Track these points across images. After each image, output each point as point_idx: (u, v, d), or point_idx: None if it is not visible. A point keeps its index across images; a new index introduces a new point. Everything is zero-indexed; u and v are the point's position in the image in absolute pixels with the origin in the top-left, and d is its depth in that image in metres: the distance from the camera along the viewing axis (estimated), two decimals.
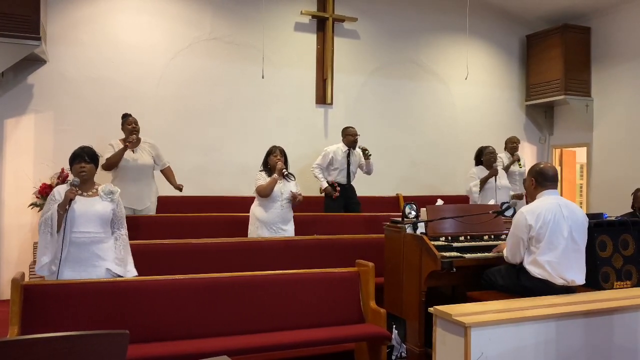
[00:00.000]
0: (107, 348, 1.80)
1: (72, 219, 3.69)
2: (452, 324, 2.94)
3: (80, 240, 3.71)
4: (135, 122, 5.76)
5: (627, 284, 4.00)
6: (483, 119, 9.07)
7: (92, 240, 3.74)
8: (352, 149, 6.84)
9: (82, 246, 3.72)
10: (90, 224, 3.73)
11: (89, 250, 3.74)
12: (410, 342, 4.35)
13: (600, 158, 8.72)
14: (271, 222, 5.35)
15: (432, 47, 8.75)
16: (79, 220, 3.70)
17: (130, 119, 5.76)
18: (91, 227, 3.74)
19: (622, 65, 8.39)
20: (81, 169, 3.78)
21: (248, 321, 3.84)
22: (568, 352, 3.11)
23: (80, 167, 3.78)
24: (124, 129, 5.74)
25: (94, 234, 3.75)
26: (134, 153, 5.66)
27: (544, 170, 3.80)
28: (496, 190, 6.47)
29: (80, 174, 3.78)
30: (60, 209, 3.65)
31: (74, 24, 6.74)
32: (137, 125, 5.76)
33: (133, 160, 5.65)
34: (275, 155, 5.40)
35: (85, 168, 3.79)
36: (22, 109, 6.51)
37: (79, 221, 3.70)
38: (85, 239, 3.72)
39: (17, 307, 3.39)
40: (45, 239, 3.68)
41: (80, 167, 3.78)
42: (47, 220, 3.67)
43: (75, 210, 3.69)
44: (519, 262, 3.78)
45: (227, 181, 7.38)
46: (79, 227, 3.70)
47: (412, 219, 4.50)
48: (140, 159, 5.71)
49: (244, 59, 7.50)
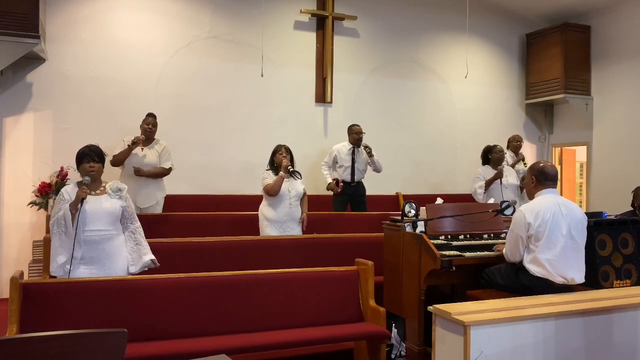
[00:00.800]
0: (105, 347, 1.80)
1: (83, 217, 3.70)
2: (452, 322, 2.93)
3: (91, 238, 3.73)
4: (152, 123, 5.86)
5: (627, 282, 4.00)
6: (483, 117, 9.06)
7: (103, 237, 3.77)
8: (357, 147, 6.85)
9: (94, 244, 3.74)
10: (100, 222, 3.75)
11: (101, 248, 3.76)
12: (410, 340, 4.35)
13: (600, 157, 8.72)
14: (280, 220, 5.36)
15: (432, 46, 8.74)
16: (90, 218, 3.72)
17: (149, 120, 5.87)
18: (101, 224, 3.76)
19: (622, 64, 8.39)
20: (90, 168, 3.79)
21: (247, 320, 3.83)
22: (567, 351, 3.10)
23: (89, 167, 3.79)
24: (141, 126, 5.86)
25: (105, 232, 3.77)
26: (143, 151, 5.75)
27: (545, 169, 3.80)
28: (502, 189, 6.45)
29: (90, 174, 3.78)
30: (72, 208, 3.67)
31: (73, 23, 6.73)
32: (154, 127, 5.88)
33: (141, 158, 5.74)
34: (281, 153, 5.41)
35: (94, 167, 3.81)
36: (22, 108, 6.50)
37: (89, 219, 3.72)
38: (97, 237, 3.74)
39: (15, 306, 3.39)
40: (60, 238, 3.68)
41: (89, 167, 3.79)
42: (59, 220, 3.67)
43: (85, 209, 3.71)
44: (519, 260, 3.79)
45: (227, 180, 7.38)
46: (90, 226, 3.72)
47: (412, 217, 4.49)
48: (148, 158, 5.78)
49: (243, 58, 7.49)
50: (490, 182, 6.48)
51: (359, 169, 6.88)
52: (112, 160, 5.59)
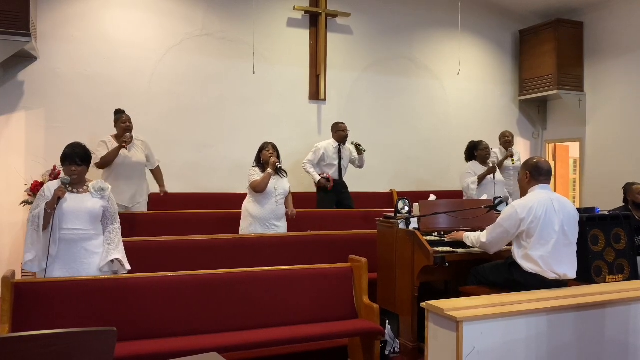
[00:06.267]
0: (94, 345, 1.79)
1: (62, 216, 3.66)
2: (444, 318, 2.94)
3: (69, 237, 3.69)
4: (129, 119, 5.69)
5: (619, 277, 4.02)
6: (476, 114, 9.07)
7: (81, 237, 3.72)
8: (342, 145, 6.87)
9: (72, 243, 3.70)
10: (79, 221, 3.70)
11: (79, 247, 3.71)
12: (404, 337, 4.35)
13: (593, 153, 8.74)
14: (265, 218, 5.34)
15: (425, 43, 8.74)
16: (69, 217, 3.67)
17: (124, 117, 5.70)
18: (80, 224, 3.71)
19: (615, 60, 8.41)
20: (72, 173, 3.73)
21: (240, 318, 3.82)
22: (560, 346, 3.11)
23: (71, 171, 3.72)
24: (118, 126, 5.68)
25: (83, 231, 3.72)
26: (127, 151, 5.60)
27: (538, 164, 3.80)
28: (494, 185, 6.46)
29: (72, 177, 3.73)
30: (48, 207, 3.62)
31: (64, 20, 6.69)
32: (131, 124, 5.70)
33: (127, 158, 5.60)
34: (268, 150, 5.40)
35: (76, 171, 3.73)
36: (13, 106, 6.46)
37: (68, 218, 3.67)
38: (74, 236, 3.70)
39: (7, 305, 3.37)
40: (32, 235, 3.65)
41: (71, 171, 3.72)
42: (34, 218, 3.64)
43: (65, 207, 3.67)
44: (492, 253, 3.89)
45: (220, 178, 7.36)
46: (68, 224, 3.68)
47: (405, 214, 4.50)
48: (134, 156, 5.67)
49: (236, 55, 7.46)
50: (483, 177, 6.49)
51: (344, 166, 6.92)
52: (99, 163, 5.41)
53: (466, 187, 6.57)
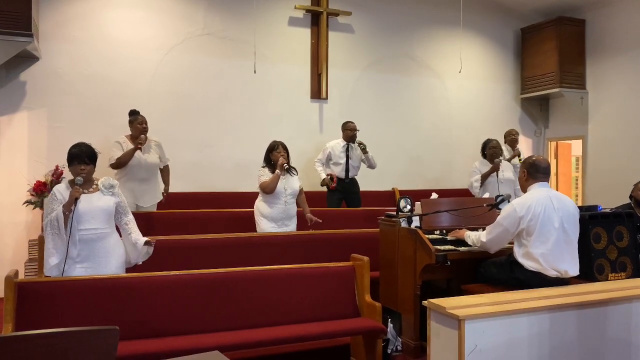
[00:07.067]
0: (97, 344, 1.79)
1: (78, 217, 3.67)
2: (446, 317, 2.94)
3: (87, 237, 3.71)
4: (145, 121, 5.68)
5: (622, 275, 4.01)
6: (478, 112, 9.06)
7: (98, 236, 3.74)
8: (351, 144, 6.88)
9: (90, 243, 3.72)
10: (95, 220, 3.72)
11: (97, 246, 3.74)
12: (406, 335, 4.36)
13: (596, 150, 8.73)
14: (275, 218, 5.35)
15: (426, 41, 8.73)
16: (85, 217, 3.69)
17: (140, 118, 5.68)
18: (97, 223, 3.73)
19: (617, 58, 8.39)
20: (81, 172, 3.72)
21: (242, 317, 3.83)
22: (562, 344, 3.11)
23: (80, 170, 3.72)
24: (133, 127, 5.64)
25: (100, 230, 3.74)
26: (142, 152, 5.58)
27: (536, 162, 3.81)
28: (498, 183, 6.44)
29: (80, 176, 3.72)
30: (66, 209, 3.62)
31: (66, 20, 6.70)
32: (147, 125, 5.69)
33: (142, 159, 5.58)
34: (279, 151, 5.36)
35: (85, 170, 3.74)
36: (15, 107, 6.47)
37: (84, 218, 3.68)
38: (93, 236, 3.72)
39: (11, 305, 3.38)
40: (52, 240, 3.65)
41: (80, 170, 3.72)
42: (52, 222, 3.62)
43: (80, 208, 3.67)
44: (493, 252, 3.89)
45: (223, 177, 7.36)
46: (85, 225, 3.69)
47: (407, 212, 4.49)
48: (149, 158, 5.65)
49: (237, 54, 7.46)
50: (486, 175, 6.48)
51: (353, 166, 6.93)
52: (114, 164, 5.43)
53: (470, 185, 6.60)
